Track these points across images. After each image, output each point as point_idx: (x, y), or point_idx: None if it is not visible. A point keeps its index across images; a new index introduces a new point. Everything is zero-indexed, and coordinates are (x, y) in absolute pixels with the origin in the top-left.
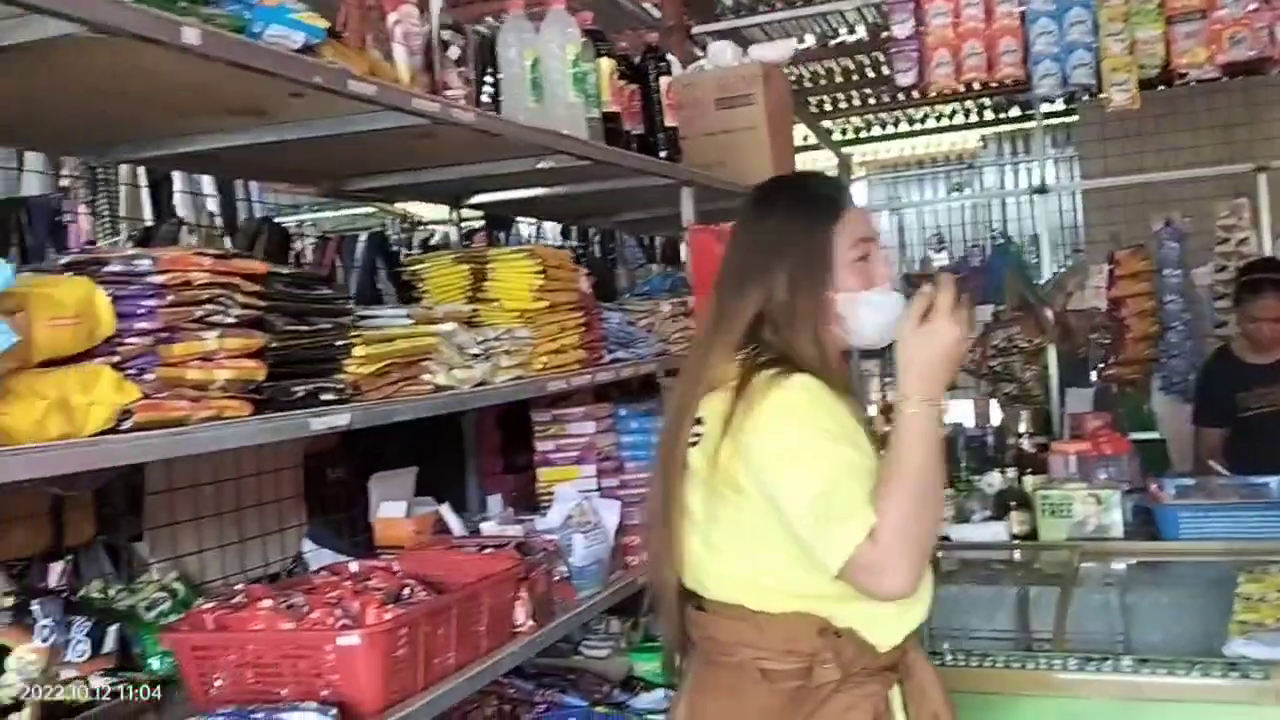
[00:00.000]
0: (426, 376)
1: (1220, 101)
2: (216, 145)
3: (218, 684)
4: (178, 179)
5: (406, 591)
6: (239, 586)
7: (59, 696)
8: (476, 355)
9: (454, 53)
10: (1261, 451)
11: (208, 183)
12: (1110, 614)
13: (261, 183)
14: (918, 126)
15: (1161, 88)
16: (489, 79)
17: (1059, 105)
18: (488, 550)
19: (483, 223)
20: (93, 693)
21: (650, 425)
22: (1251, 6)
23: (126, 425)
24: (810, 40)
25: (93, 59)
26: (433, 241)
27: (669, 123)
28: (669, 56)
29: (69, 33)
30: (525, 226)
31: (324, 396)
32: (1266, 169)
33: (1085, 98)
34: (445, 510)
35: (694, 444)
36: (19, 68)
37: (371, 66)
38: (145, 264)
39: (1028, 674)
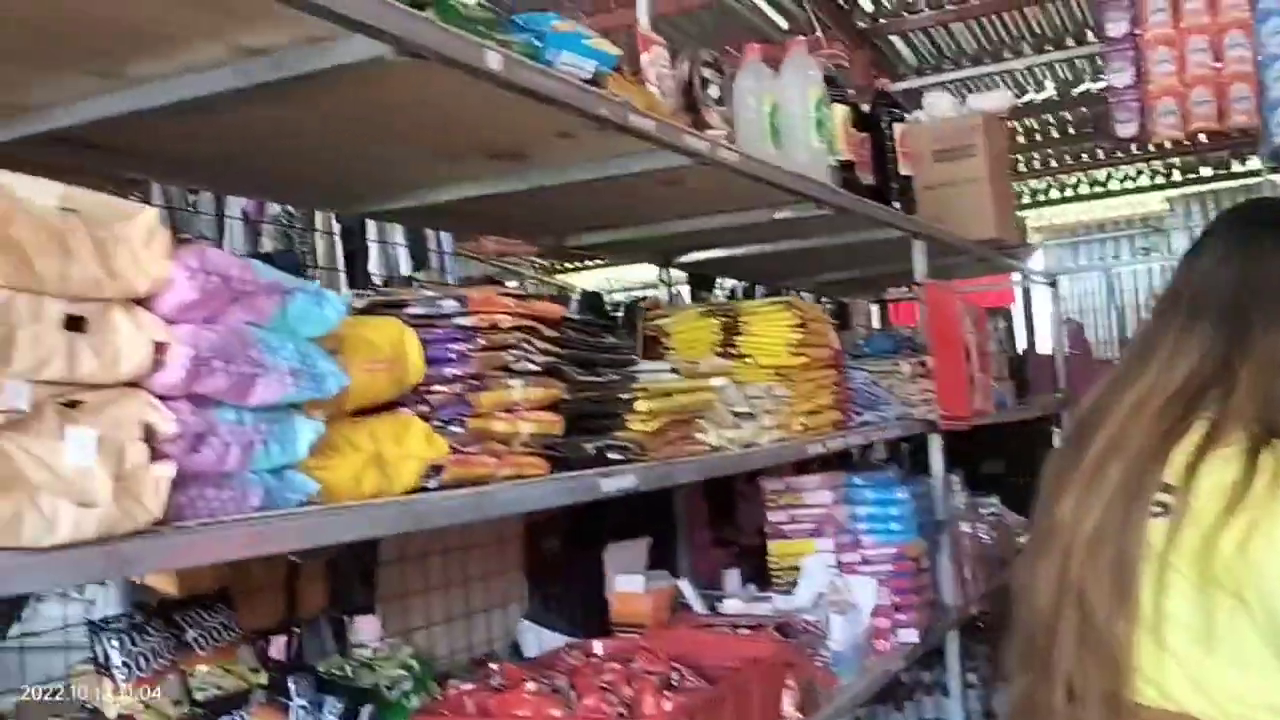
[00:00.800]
0: (699, 436)
1: None
2: (471, 194)
3: None
4: (371, 230)
5: (676, 677)
6: (494, 666)
7: None
8: (743, 414)
9: (714, 91)
10: None
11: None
12: None
13: (466, 240)
14: (1099, 189)
15: None
16: None
17: (1252, 164)
18: (742, 631)
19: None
20: None
21: (889, 496)
22: None
23: (434, 483)
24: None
25: (380, 89)
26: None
27: (903, 172)
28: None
29: (377, 55)
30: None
31: (611, 455)
32: None
33: None
34: (685, 585)
35: (1155, 515)
36: (300, 99)
37: (649, 101)
38: (452, 305)
39: None
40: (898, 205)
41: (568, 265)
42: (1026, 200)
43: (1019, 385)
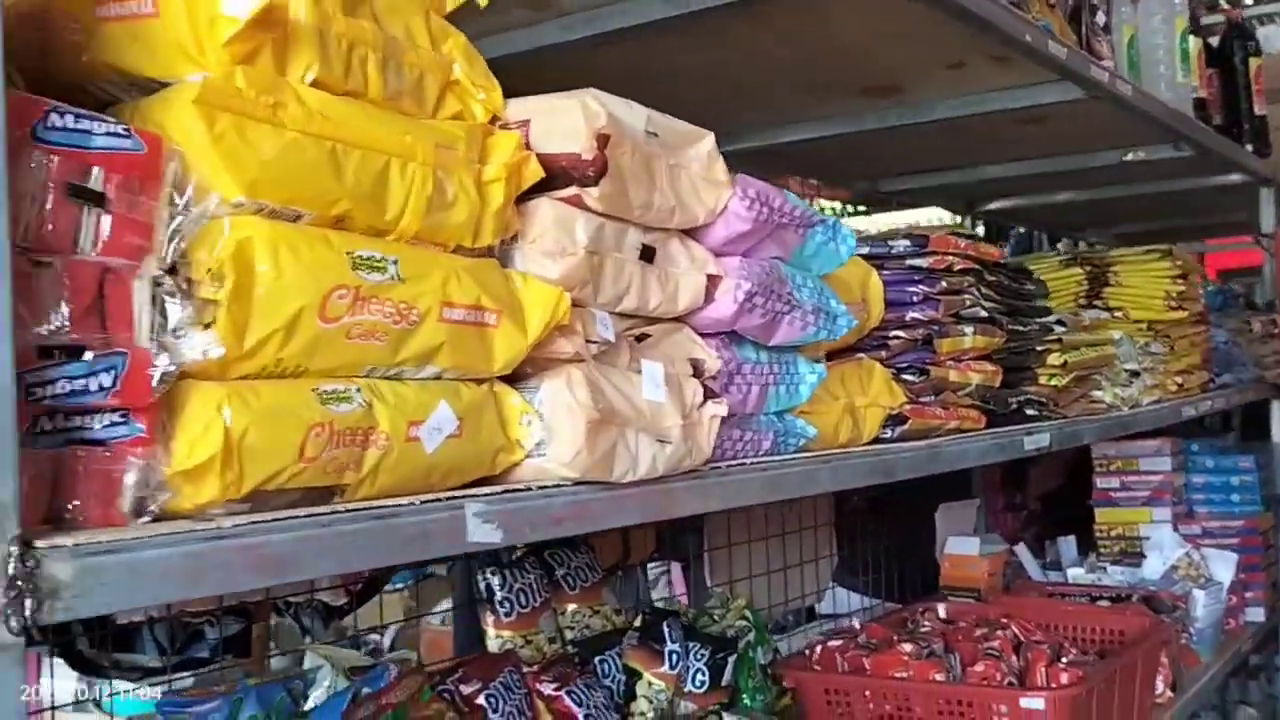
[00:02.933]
0: (1097, 393)
1: None
2: (825, 133)
3: None
4: None
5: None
6: (854, 624)
7: None
8: (1133, 372)
9: (1101, 18)
10: None
11: None
12: None
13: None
14: None
15: None
16: None
17: None
18: (1103, 603)
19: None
20: None
21: (1228, 464)
22: None
23: (894, 434)
24: None
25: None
26: None
27: (1258, 111)
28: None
29: None
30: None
31: (1029, 411)
32: None
33: None
34: (1022, 550)
35: None
36: (714, 28)
37: (1061, 27)
38: (904, 245)
39: None
40: (1249, 148)
41: (849, 210)
42: None
43: None
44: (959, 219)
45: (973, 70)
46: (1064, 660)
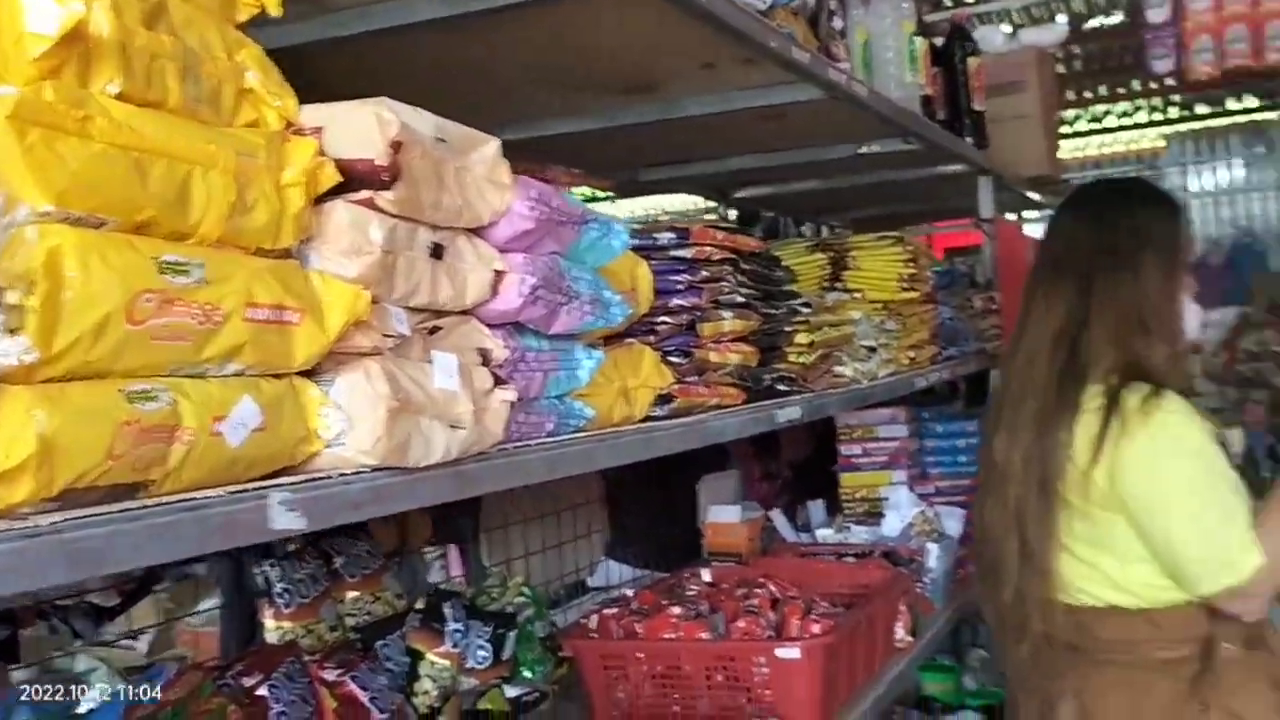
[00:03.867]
0: (839, 369)
1: None
2: (590, 127)
3: (619, 696)
4: None
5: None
6: (627, 594)
7: (484, 705)
8: (870, 348)
9: (838, 23)
10: None
11: None
12: None
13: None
14: (1096, 126)
15: None
16: None
17: (1249, 103)
18: (848, 559)
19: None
20: (510, 702)
21: (955, 429)
22: None
23: (663, 412)
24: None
25: (564, 22)
26: None
27: (976, 107)
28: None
29: None
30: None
31: (780, 386)
32: None
33: None
34: (776, 515)
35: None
36: (479, 30)
37: (804, 34)
38: (669, 237)
39: None
40: (970, 141)
41: (607, 196)
42: None
43: None
44: (714, 205)
45: (723, 71)
46: (815, 613)
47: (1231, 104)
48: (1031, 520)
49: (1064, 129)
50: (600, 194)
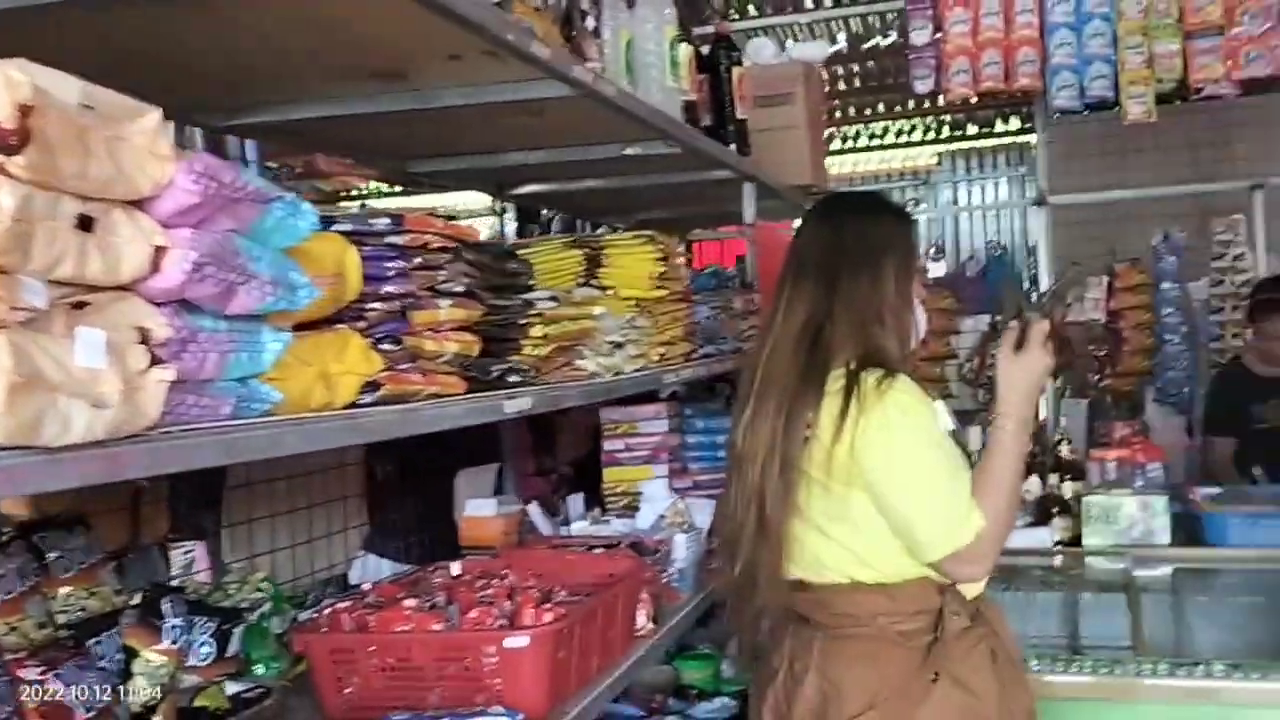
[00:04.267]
0: (580, 362)
1: (1190, 123)
2: (338, 112)
3: (349, 691)
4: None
5: (551, 592)
6: (367, 585)
7: (201, 702)
8: (615, 343)
9: (590, 23)
10: (1274, 462)
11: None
12: (1168, 620)
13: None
14: (875, 142)
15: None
16: None
17: (1014, 125)
18: (597, 551)
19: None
20: (231, 699)
21: (715, 425)
22: (1268, 24)
23: (370, 399)
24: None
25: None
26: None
27: (739, 115)
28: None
29: None
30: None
31: (510, 378)
32: (1263, 186)
33: (1056, 116)
34: (533, 509)
35: (807, 440)
36: (178, 15)
37: (547, 29)
38: (385, 223)
39: (1115, 680)
40: (733, 147)
41: (395, 189)
42: None
43: None
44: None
45: (471, 63)
46: (552, 602)
47: (999, 125)
48: (771, 497)
49: (848, 144)
50: (387, 188)
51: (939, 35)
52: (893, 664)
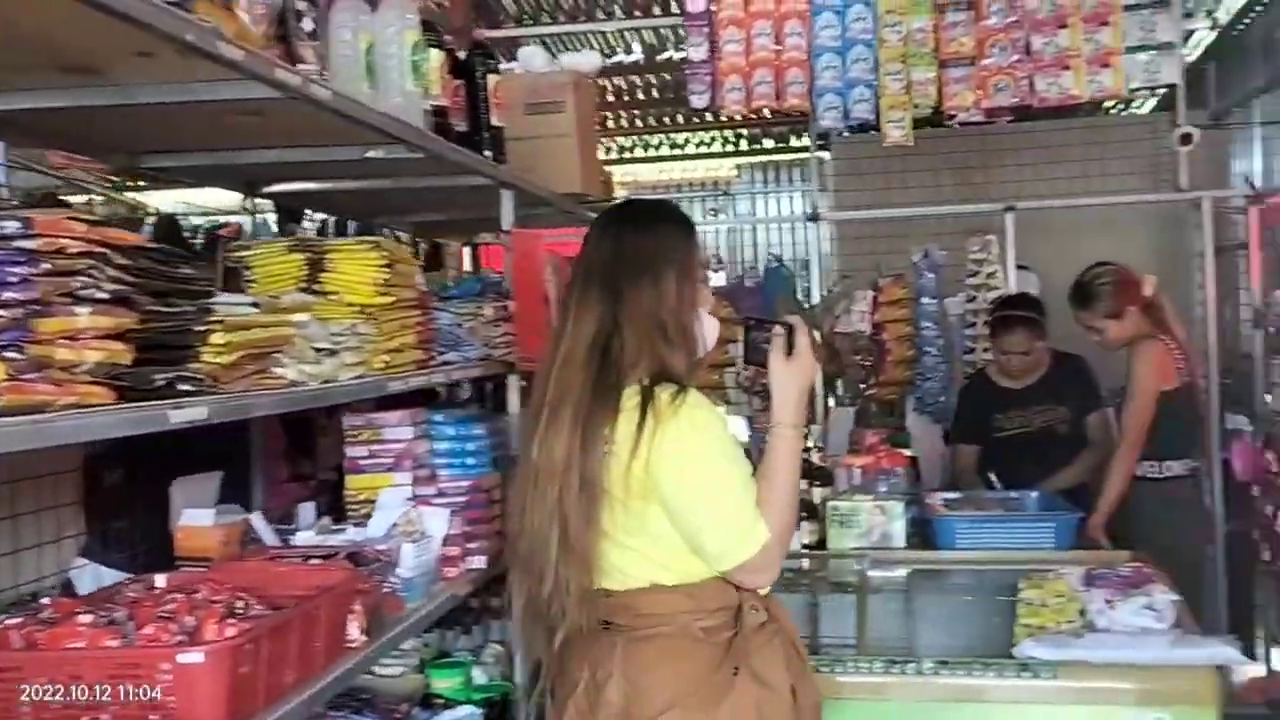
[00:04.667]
0: (279, 370)
1: (960, 146)
2: (37, 105)
3: (23, 712)
4: None
5: (240, 605)
6: (44, 600)
7: None
8: (324, 350)
9: (307, 25)
10: (1013, 469)
11: None
12: (900, 619)
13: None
14: (678, 151)
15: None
16: None
17: (807, 140)
18: (314, 561)
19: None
20: None
21: (467, 432)
22: (1015, 57)
23: None
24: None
25: None
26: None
27: (495, 122)
28: (497, 55)
29: None
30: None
31: (182, 387)
32: (1014, 209)
33: (840, 134)
34: (256, 519)
35: (607, 454)
36: None
37: (238, 29)
38: (14, 226)
39: (835, 678)
40: (488, 154)
41: (141, 184)
42: (614, 156)
43: None
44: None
45: (164, 61)
46: (240, 616)
47: (794, 141)
48: (574, 515)
49: (650, 152)
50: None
51: (715, 53)
52: (695, 661)
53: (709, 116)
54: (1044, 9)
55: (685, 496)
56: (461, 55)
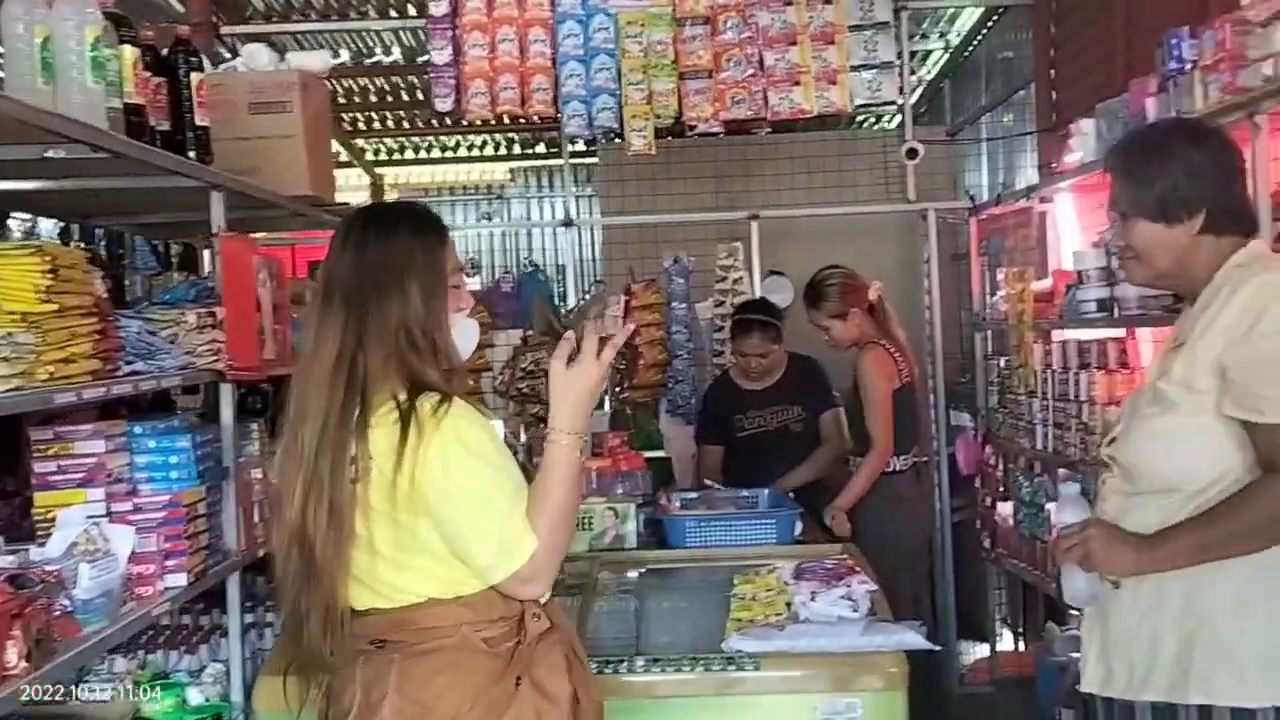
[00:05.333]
0: None
1: (718, 155)
2: None
3: None
4: None
5: None
6: None
7: None
8: None
9: None
10: (755, 467)
11: None
12: (627, 620)
13: None
14: (450, 154)
15: (671, 137)
16: None
17: (581, 145)
18: None
19: None
20: None
21: (170, 445)
22: (749, 72)
23: None
24: (345, 56)
25: None
26: None
27: (200, 122)
28: (201, 53)
29: None
30: (14, 222)
31: None
32: (758, 217)
33: (607, 140)
34: None
35: (355, 480)
36: None
37: None
38: None
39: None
40: (193, 154)
41: None
42: (382, 157)
43: None
44: None
45: None
46: None
47: (569, 146)
48: (321, 544)
49: (420, 155)
50: None
51: (459, 57)
52: (477, 673)
53: (478, 120)
54: (775, 26)
55: (451, 509)
56: (164, 52)
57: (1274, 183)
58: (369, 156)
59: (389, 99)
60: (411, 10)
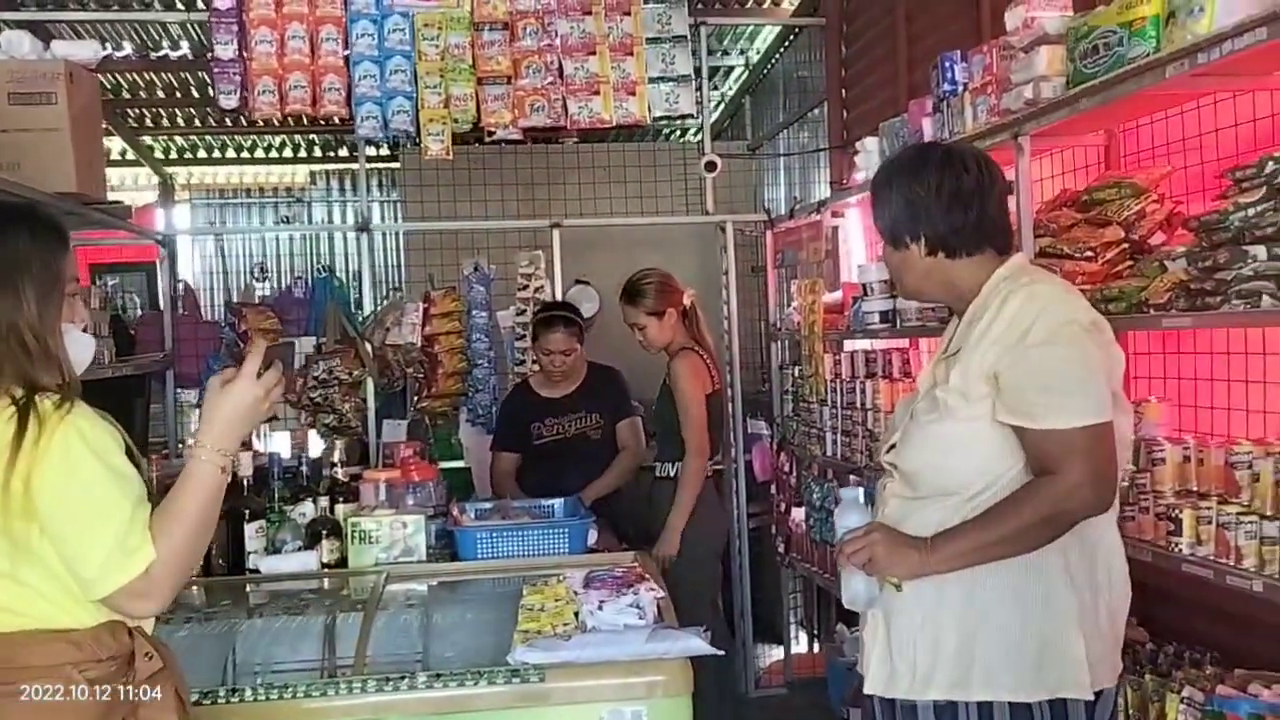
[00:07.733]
0: None
1: (524, 162)
2: None
3: None
4: None
5: None
6: None
7: None
8: None
9: None
10: (553, 473)
11: None
12: (412, 634)
13: None
14: (245, 155)
15: (477, 144)
16: None
17: (384, 150)
18: None
19: None
20: None
21: None
22: (549, 80)
23: None
24: (129, 48)
25: None
26: None
27: None
28: None
29: None
30: None
31: None
32: (560, 225)
33: (408, 145)
34: None
35: None
36: None
37: None
38: None
39: (329, 701)
40: None
41: None
42: (174, 156)
43: (124, 343)
44: None
45: None
46: None
47: (370, 151)
48: None
49: (215, 155)
50: None
51: (245, 52)
52: (85, 714)
53: (275, 121)
54: (574, 35)
55: (65, 512)
56: None
57: (1039, 202)
58: (158, 155)
59: (178, 95)
60: (200, 4)
